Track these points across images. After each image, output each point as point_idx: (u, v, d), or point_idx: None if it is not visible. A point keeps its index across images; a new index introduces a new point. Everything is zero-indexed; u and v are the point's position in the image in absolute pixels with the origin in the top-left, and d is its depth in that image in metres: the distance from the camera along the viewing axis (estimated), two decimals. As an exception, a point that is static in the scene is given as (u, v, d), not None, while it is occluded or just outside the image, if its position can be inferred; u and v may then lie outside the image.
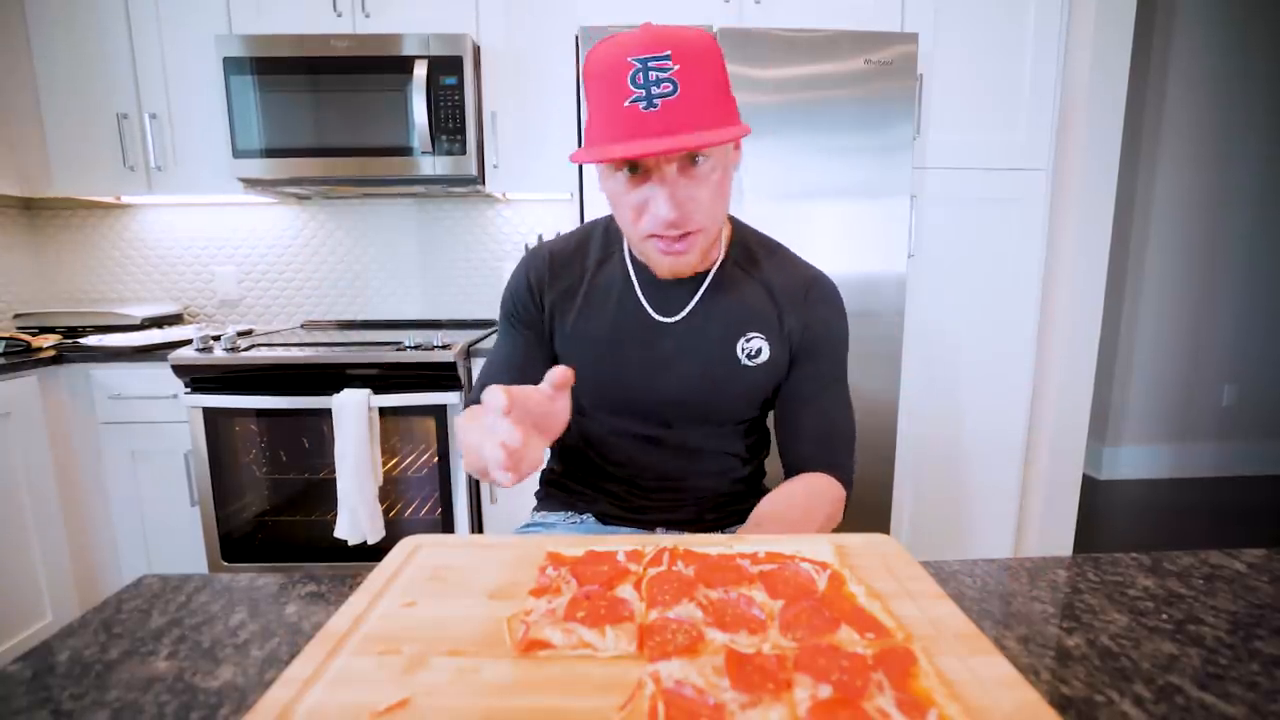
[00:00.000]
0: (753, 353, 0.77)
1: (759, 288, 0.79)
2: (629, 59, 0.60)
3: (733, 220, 0.83)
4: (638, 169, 0.65)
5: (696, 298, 0.78)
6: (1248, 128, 2.85)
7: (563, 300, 0.80)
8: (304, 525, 1.74)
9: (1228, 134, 2.85)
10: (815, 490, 0.76)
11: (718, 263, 0.79)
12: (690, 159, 0.65)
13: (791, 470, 0.81)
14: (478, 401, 0.81)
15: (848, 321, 0.82)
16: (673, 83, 0.60)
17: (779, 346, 0.78)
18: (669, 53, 0.60)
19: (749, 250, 0.81)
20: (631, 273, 0.79)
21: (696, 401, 0.78)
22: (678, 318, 0.78)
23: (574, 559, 0.48)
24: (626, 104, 0.61)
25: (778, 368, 0.79)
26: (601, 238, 0.83)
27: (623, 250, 0.81)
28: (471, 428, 0.71)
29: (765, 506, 0.73)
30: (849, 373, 0.84)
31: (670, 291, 0.78)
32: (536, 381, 0.85)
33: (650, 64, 0.60)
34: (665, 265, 0.72)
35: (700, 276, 0.78)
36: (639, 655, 0.37)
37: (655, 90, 0.60)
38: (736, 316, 0.78)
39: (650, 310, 0.78)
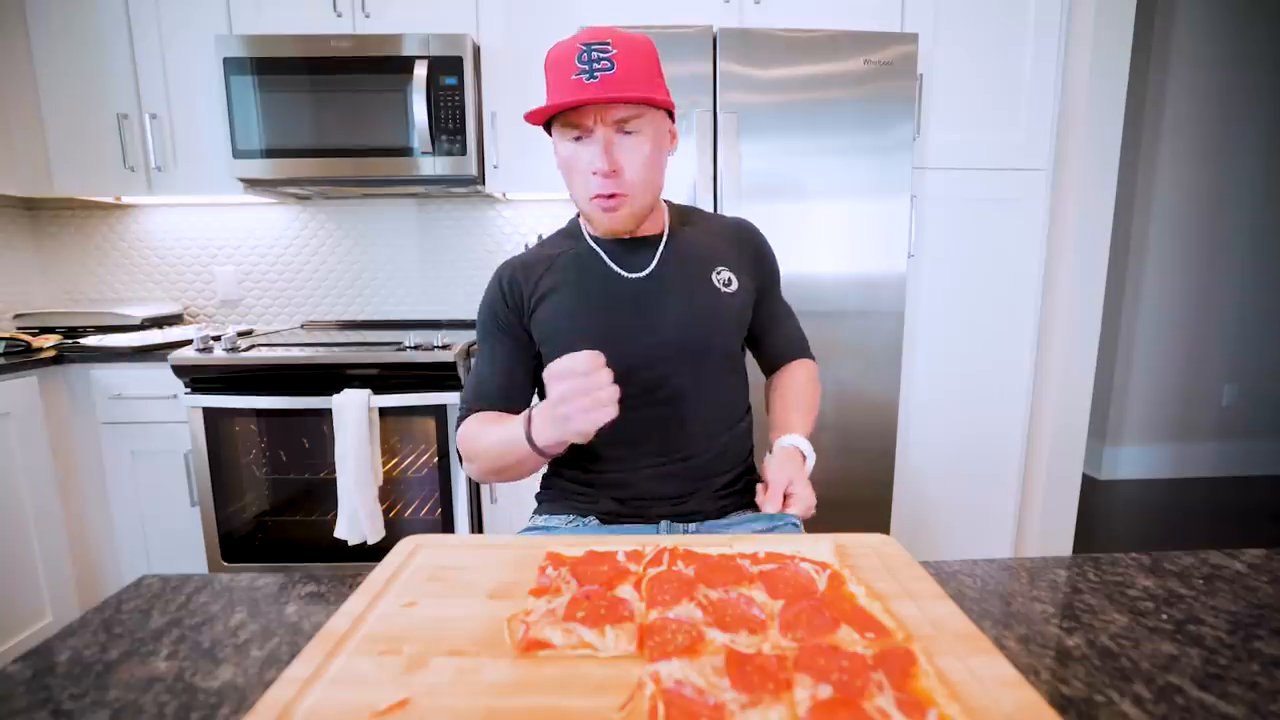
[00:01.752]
0: (726, 282, 0.87)
1: (706, 235, 0.91)
2: (579, 44, 0.73)
3: (668, 203, 0.95)
4: (578, 137, 0.77)
5: (659, 250, 0.87)
6: (1248, 127, 2.85)
7: (536, 293, 0.87)
8: (304, 525, 1.74)
9: (1227, 134, 2.85)
10: (808, 370, 0.96)
11: (666, 226, 0.90)
12: (623, 125, 0.76)
13: (777, 362, 0.98)
14: (467, 411, 0.87)
15: (775, 253, 0.96)
16: (611, 62, 0.73)
17: (744, 276, 0.89)
18: (609, 40, 0.73)
19: (684, 216, 0.94)
20: (596, 248, 0.87)
21: (688, 336, 0.84)
22: (648, 270, 0.86)
23: (574, 559, 0.48)
24: (572, 77, 0.73)
25: (748, 295, 0.89)
26: (565, 235, 0.92)
27: (584, 239, 0.89)
28: (492, 431, 0.78)
29: (782, 386, 0.92)
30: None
31: (635, 253, 0.87)
32: (525, 385, 0.88)
33: (594, 47, 0.73)
34: (604, 222, 0.81)
35: (655, 238, 0.88)
36: (639, 655, 0.37)
37: (596, 66, 0.72)
38: (702, 256, 0.88)
39: (621, 271, 0.86)
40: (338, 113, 1.77)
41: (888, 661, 0.34)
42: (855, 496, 1.73)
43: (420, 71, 1.72)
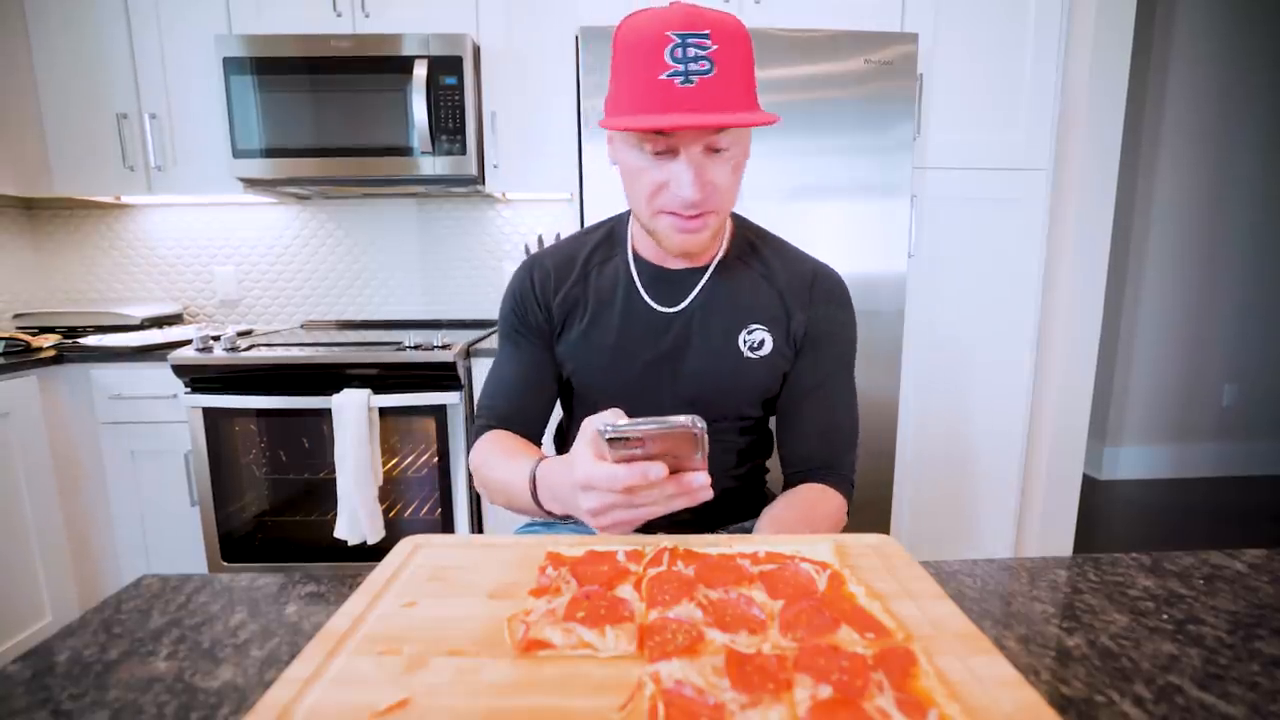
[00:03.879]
0: (755, 344, 0.78)
1: (760, 280, 0.80)
2: (668, 33, 0.60)
3: (734, 215, 0.84)
4: (659, 148, 0.65)
5: (698, 288, 0.78)
6: (1248, 127, 2.85)
7: (569, 306, 0.80)
8: (304, 525, 1.74)
9: (1228, 134, 2.85)
10: (815, 504, 0.76)
11: (718, 255, 0.79)
12: (715, 142, 0.65)
13: (791, 467, 0.80)
14: (485, 422, 0.81)
15: (854, 313, 0.82)
16: (710, 61, 0.60)
17: (782, 340, 0.78)
18: (708, 32, 0.60)
19: (749, 243, 0.82)
20: (634, 271, 0.79)
21: (701, 399, 0.78)
22: (680, 307, 0.78)
23: (574, 559, 0.48)
24: (663, 77, 0.60)
25: (780, 362, 0.79)
26: (602, 242, 0.83)
27: (625, 251, 0.81)
28: (499, 468, 0.72)
29: (766, 519, 0.72)
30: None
31: (672, 285, 0.79)
32: (549, 396, 0.84)
33: (690, 40, 0.60)
34: (678, 242, 0.71)
35: (701, 269, 0.79)
36: (639, 655, 0.37)
37: (693, 67, 0.60)
38: (738, 308, 0.78)
39: (652, 303, 0.78)
40: (338, 112, 1.77)
41: (888, 661, 0.34)
42: (855, 496, 1.72)
43: (420, 71, 1.72)
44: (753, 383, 0.79)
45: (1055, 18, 1.72)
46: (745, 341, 0.78)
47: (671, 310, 0.78)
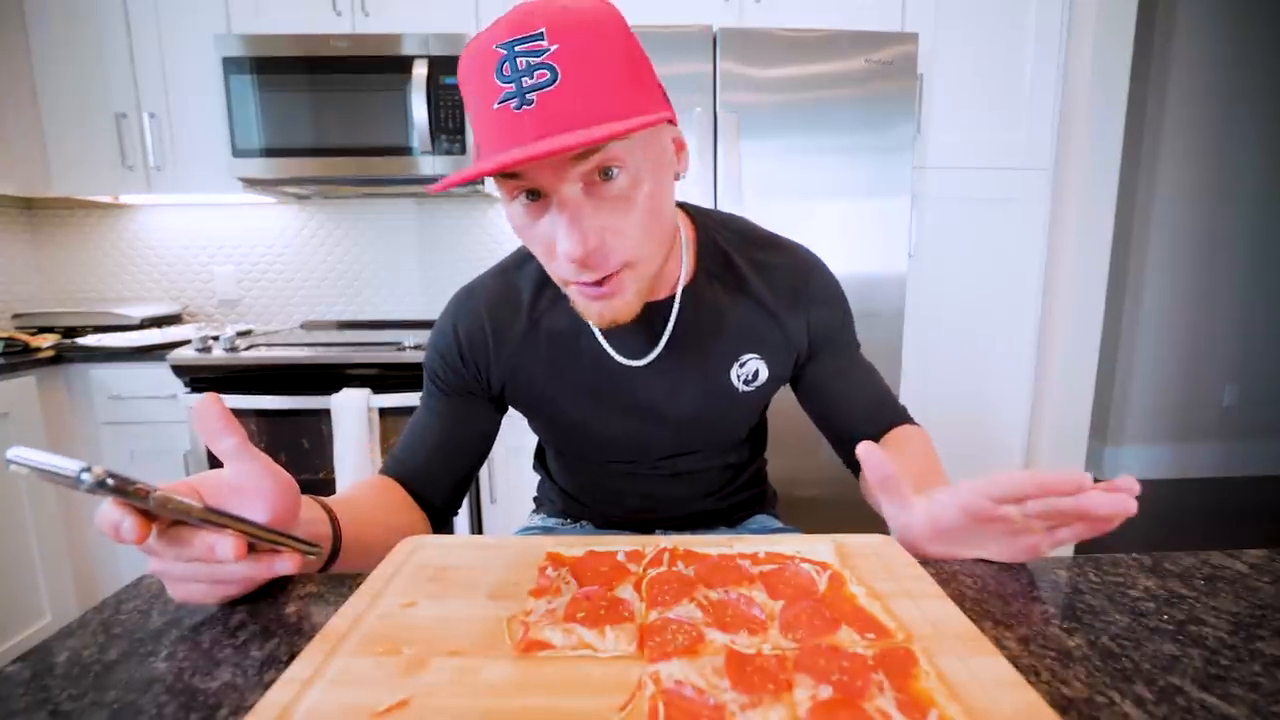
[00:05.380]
0: (749, 377, 0.68)
1: (743, 299, 0.67)
2: (494, 46, 0.46)
3: (693, 215, 0.69)
4: (536, 195, 0.50)
5: (669, 328, 0.64)
6: (1249, 127, 2.85)
7: (516, 365, 0.67)
8: (304, 525, 1.74)
9: (1228, 133, 2.85)
10: (911, 438, 0.72)
11: (681, 283, 0.64)
12: (599, 173, 0.49)
13: (867, 429, 0.73)
14: (384, 470, 0.67)
15: (845, 296, 0.73)
16: (550, 69, 0.45)
17: (779, 362, 0.69)
18: (542, 30, 0.45)
19: (721, 254, 0.67)
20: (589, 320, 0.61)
21: (692, 440, 0.72)
22: (654, 356, 0.65)
23: (574, 559, 0.48)
24: (496, 105, 0.46)
25: (779, 381, 0.71)
26: (539, 281, 0.67)
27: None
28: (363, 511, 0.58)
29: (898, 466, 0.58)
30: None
31: (637, 330, 0.64)
32: (469, 460, 0.70)
33: (518, 48, 0.45)
34: (595, 313, 0.55)
35: (666, 302, 0.64)
36: (639, 655, 0.37)
37: (528, 82, 0.45)
38: (724, 337, 0.66)
39: (616, 356, 0.65)
40: (337, 112, 1.77)
41: (888, 662, 0.34)
42: (855, 496, 1.72)
43: (420, 71, 1.72)
44: (748, 415, 0.72)
45: (1056, 17, 1.72)
46: (738, 376, 0.67)
47: (640, 362, 0.65)
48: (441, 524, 0.70)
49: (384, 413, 1.65)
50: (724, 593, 0.43)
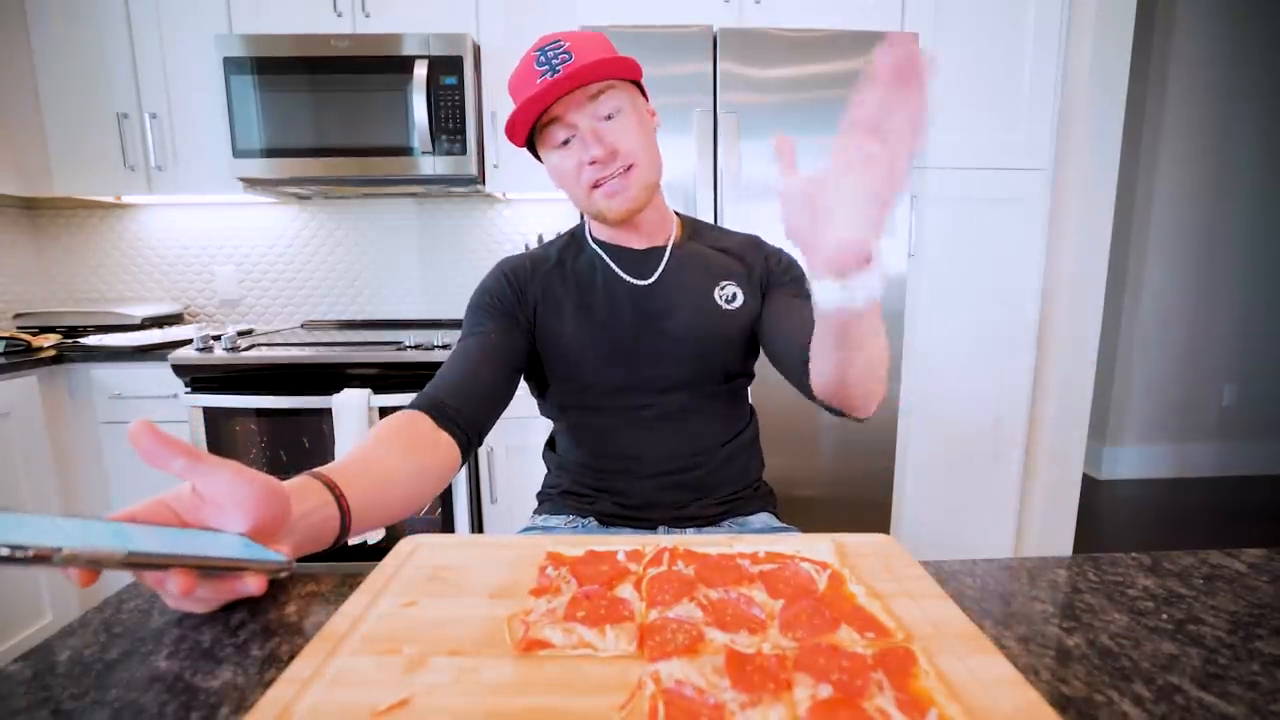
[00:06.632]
0: (729, 298, 0.85)
1: (714, 251, 0.89)
2: (532, 52, 0.75)
3: (677, 214, 0.94)
4: (568, 142, 0.77)
5: (665, 259, 0.86)
6: (1248, 127, 2.85)
7: (547, 290, 0.85)
8: (304, 525, 1.74)
9: (1228, 133, 2.85)
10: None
11: (671, 237, 0.88)
12: (606, 118, 0.75)
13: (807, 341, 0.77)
14: (415, 402, 0.70)
15: (796, 261, 0.88)
16: (568, 53, 0.73)
17: (751, 292, 0.86)
18: (560, 39, 0.75)
19: (695, 230, 0.92)
20: (602, 254, 0.87)
21: (689, 354, 0.83)
22: (652, 279, 0.85)
23: (574, 559, 0.48)
24: (537, 81, 0.73)
25: (752, 311, 0.86)
26: (569, 243, 0.90)
27: (590, 244, 0.88)
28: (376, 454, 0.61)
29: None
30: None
31: (641, 261, 0.86)
32: (505, 378, 0.79)
33: (547, 49, 0.74)
34: (615, 206, 0.78)
35: (660, 248, 0.87)
36: (639, 655, 0.37)
37: (555, 62, 0.73)
38: (707, 271, 0.86)
39: (629, 278, 0.85)
40: (338, 112, 1.77)
41: (888, 661, 0.34)
42: (855, 496, 1.73)
43: (420, 71, 1.72)
44: (734, 333, 0.85)
45: (1055, 17, 1.72)
46: (720, 296, 0.85)
47: (647, 282, 0.85)
48: (465, 457, 0.72)
49: (384, 412, 1.65)
50: (724, 592, 0.43)
